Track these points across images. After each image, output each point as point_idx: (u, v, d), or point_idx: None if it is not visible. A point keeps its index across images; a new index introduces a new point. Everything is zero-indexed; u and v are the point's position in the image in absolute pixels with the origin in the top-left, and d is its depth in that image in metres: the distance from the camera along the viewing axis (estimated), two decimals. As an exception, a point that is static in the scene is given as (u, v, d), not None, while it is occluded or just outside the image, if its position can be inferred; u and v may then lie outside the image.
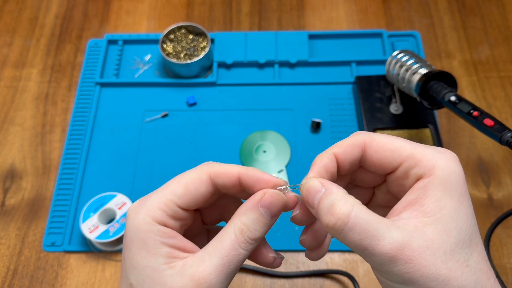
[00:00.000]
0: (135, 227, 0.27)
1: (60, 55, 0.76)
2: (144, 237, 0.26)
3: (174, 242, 0.27)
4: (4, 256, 0.60)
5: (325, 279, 0.57)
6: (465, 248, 0.23)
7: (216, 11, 0.80)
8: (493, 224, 0.59)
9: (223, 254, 0.26)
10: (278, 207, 0.27)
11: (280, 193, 0.27)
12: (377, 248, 0.23)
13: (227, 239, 0.26)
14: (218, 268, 0.25)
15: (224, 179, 0.28)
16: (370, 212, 0.24)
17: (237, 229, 0.26)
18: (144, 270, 0.26)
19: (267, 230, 0.27)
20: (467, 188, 0.25)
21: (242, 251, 0.26)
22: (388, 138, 0.27)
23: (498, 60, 0.73)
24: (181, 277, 0.25)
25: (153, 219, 0.26)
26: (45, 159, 0.67)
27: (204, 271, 0.25)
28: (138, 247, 0.26)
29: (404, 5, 0.80)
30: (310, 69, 0.73)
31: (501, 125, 0.46)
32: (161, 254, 0.26)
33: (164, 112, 0.69)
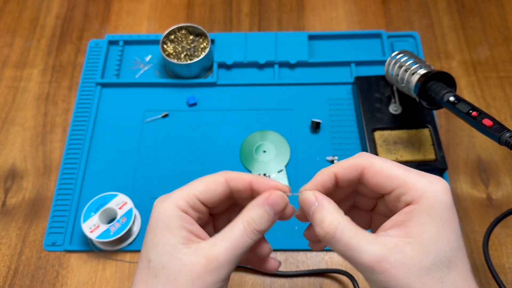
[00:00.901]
0: (161, 212, 0.31)
1: (60, 55, 0.77)
2: (168, 221, 0.31)
3: (192, 228, 0.31)
4: (5, 256, 0.60)
5: (324, 279, 0.57)
6: (442, 268, 0.27)
7: (216, 11, 0.81)
8: (492, 224, 0.60)
9: (232, 240, 0.30)
10: (281, 206, 0.32)
11: (283, 195, 0.32)
12: (358, 259, 0.28)
13: (236, 228, 0.31)
14: (227, 251, 0.30)
15: (238, 183, 0.33)
16: (355, 227, 0.29)
17: (245, 221, 0.31)
18: (164, 247, 0.30)
19: (270, 225, 0.32)
20: (453, 215, 0.28)
21: (248, 239, 0.31)
22: (385, 164, 0.30)
23: (497, 60, 0.74)
24: (195, 255, 0.30)
25: (177, 206, 0.31)
26: (46, 159, 0.67)
27: (215, 252, 0.30)
28: (162, 228, 0.31)
29: (403, 5, 0.80)
30: (309, 70, 0.73)
31: (500, 125, 0.46)
32: (180, 235, 0.30)
33: (165, 112, 0.70)
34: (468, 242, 0.59)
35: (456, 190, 0.63)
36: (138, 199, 0.62)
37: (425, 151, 0.62)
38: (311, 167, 0.64)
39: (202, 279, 0.29)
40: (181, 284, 0.29)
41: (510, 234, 0.60)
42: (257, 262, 0.36)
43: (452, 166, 0.64)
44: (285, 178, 0.63)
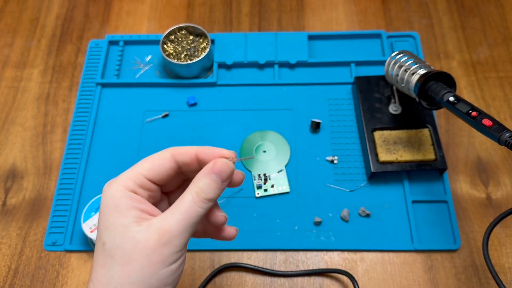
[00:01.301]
0: (109, 195, 0.32)
1: (61, 55, 0.77)
2: (117, 202, 0.32)
3: (143, 207, 0.32)
4: (5, 256, 0.60)
5: (324, 278, 0.57)
6: None
7: (216, 12, 0.81)
8: (492, 224, 0.59)
9: (182, 211, 0.31)
10: (227, 173, 0.33)
11: (228, 162, 0.33)
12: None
13: (185, 199, 0.32)
14: (179, 223, 0.31)
15: (184, 156, 0.34)
16: None
17: (194, 192, 0.32)
18: (116, 228, 0.31)
19: (220, 192, 0.33)
20: None
21: (198, 208, 0.32)
22: None
23: (497, 60, 0.74)
24: (147, 231, 0.30)
25: (125, 187, 0.32)
26: (46, 159, 0.67)
27: (167, 225, 0.31)
28: (112, 211, 0.31)
29: (403, 6, 0.80)
30: (309, 70, 0.73)
31: (500, 125, 0.46)
32: (131, 215, 0.31)
33: (165, 112, 0.70)
34: (467, 242, 0.59)
35: (455, 190, 0.63)
36: (138, 199, 0.62)
37: (424, 151, 0.62)
38: (311, 167, 0.65)
39: (157, 253, 0.30)
40: (137, 261, 0.30)
41: (509, 234, 0.60)
42: (214, 232, 0.37)
43: (452, 166, 0.64)
44: (285, 178, 0.63)
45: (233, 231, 0.37)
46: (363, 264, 0.58)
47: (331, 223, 0.60)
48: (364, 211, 0.60)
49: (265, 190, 0.62)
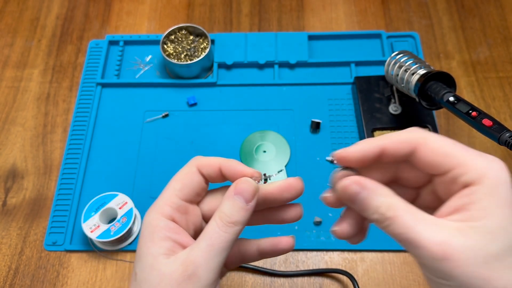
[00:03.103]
0: (147, 223, 0.31)
1: (61, 55, 0.77)
2: (152, 231, 0.30)
3: (178, 238, 0.30)
4: (5, 256, 0.60)
5: (324, 278, 0.57)
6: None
7: (216, 12, 0.81)
8: None
9: (207, 238, 0.29)
10: (249, 192, 0.30)
11: (250, 181, 0.31)
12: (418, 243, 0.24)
13: (209, 226, 0.30)
14: (204, 251, 0.29)
15: (208, 169, 0.32)
16: (413, 209, 0.26)
17: (217, 217, 0.30)
18: (146, 258, 0.29)
19: (246, 214, 0.30)
20: None
21: (223, 233, 0.29)
22: (442, 141, 0.27)
23: (496, 60, 0.74)
24: (173, 264, 0.29)
25: (162, 214, 0.30)
26: (46, 159, 0.67)
27: (192, 256, 0.29)
28: (146, 240, 0.30)
29: (403, 6, 0.80)
30: (309, 70, 0.73)
31: (500, 125, 0.46)
32: (163, 246, 0.29)
33: (165, 112, 0.70)
34: None
35: (455, 190, 0.63)
36: (138, 199, 0.62)
37: (424, 151, 0.62)
38: (311, 167, 0.65)
39: (182, 287, 0.28)
40: None
41: (509, 234, 0.60)
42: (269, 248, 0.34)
43: (452, 166, 0.64)
44: (285, 178, 0.63)
45: (290, 240, 0.34)
46: (363, 264, 0.58)
47: (331, 223, 0.60)
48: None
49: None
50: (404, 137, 0.27)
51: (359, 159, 0.28)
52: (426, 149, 0.27)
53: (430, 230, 0.24)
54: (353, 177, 0.28)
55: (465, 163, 0.25)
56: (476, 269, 0.23)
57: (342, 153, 0.29)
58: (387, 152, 0.28)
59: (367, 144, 0.28)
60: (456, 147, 0.26)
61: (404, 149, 0.27)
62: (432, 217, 0.25)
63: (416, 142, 0.27)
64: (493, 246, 0.24)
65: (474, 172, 0.25)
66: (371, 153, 0.28)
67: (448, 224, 0.25)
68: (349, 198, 0.28)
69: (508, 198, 0.25)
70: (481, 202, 0.24)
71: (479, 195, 0.25)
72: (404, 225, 0.25)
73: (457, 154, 0.26)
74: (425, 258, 0.24)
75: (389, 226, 0.26)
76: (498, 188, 0.25)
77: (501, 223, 0.24)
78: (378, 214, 0.26)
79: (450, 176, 0.26)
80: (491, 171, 0.25)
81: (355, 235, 0.31)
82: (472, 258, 0.23)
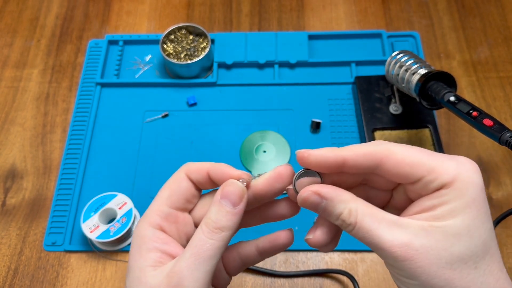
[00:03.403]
0: (135, 234, 0.30)
1: (60, 55, 0.77)
2: (140, 242, 0.29)
3: (166, 248, 0.29)
4: (4, 256, 0.60)
5: (324, 279, 0.57)
6: (477, 252, 0.24)
7: (216, 11, 0.81)
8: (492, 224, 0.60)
9: (192, 247, 0.28)
10: (236, 195, 0.29)
11: (237, 183, 0.29)
12: (380, 245, 0.25)
13: (195, 234, 0.28)
14: (188, 261, 0.27)
15: (197, 175, 0.30)
16: (373, 211, 0.26)
17: (203, 223, 0.28)
18: (134, 271, 0.28)
19: (233, 218, 0.28)
20: (485, 197, 0.25)
21: (209, 240, 0.28)
22: (407, 151, 0.26)
23: (497, 60, 0.74)
24: (160, 275, 0.27)
25: (149, 224, 0.29)
26: (46, 159, 0.67)
27: (177, 267, 0.27)
28: (134, 252, 0.29)
29: (403, 5, 0.80)
30: (309, 70, 0.73)
31: (500, 125, 0.46)
32: (150, 257, 0.28)
33: (165, 112, 0.70)
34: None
35: (456, 190, 0.63)
36: (138, 199, 0.62)
37: (425, 151, 0.62)
38: (311, 167, 0.64)
39: None
40: None
41: (510, 235, 0.60)
42: (268, 246, 0.33)
43: (452, 166, 0.64)
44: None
45: (288, 233, 0.32)
46: (364, 264, 0.58)
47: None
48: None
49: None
50: (367, 150, 0.27)
51: (318, 165, 0.28)
52: (391, 162, 0.26)
53: (391, 232, 0.25)
54: (312, 187, 0.28)
55: (435, 169, 0.25)
56: (438, 270, 0.24)
57: (304, 154, 0.28)
58: (348, 164, 0.27)
59: (329, 152, 0.27)
60: (423, 155, 0.26)
61: (367, 162, 0.27)
62: (395, 218, 0.26)
63: (380, 156, 0.27)
64: (457, 248, 0.24)
65: (444, 177, 0.25)
66: (331, 162, 0.27)
67: (412, 224, 0.25)
68: (311, 208, 0.28)
69: (477, 199, 0.25)
70: (450, 203, 0.25)
71: (448, 197, 0.25)
72: (366, 229, 0.25)
73: (425, 162, 0.26)
74: (389, 259, 0.25)
75: (352, 231, 0.26)
76: (467, 190, 0.25)
77: (467, 225, 0.24)
78: (340, 220, 0.27)
79: (421, 184, 0.26)
80: (461, 173, 0.25)
81: (329, 243, 0.30)
82: (435, 259, 0.24)
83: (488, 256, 0.25)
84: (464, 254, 0.24)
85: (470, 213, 0.24)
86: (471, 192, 0.25)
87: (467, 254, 0.24)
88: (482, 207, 0.25)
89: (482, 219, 0.25)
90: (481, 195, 0.25)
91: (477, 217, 0.25)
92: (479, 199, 0.25)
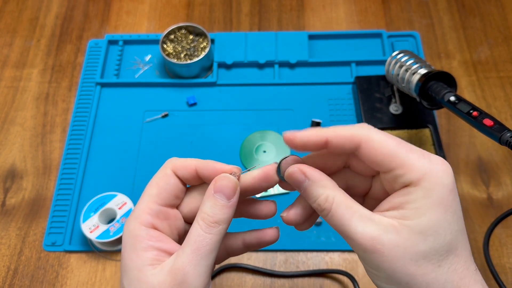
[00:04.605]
0: (127, 235, 0.29)
1: (60, 55, 0.77)
2: (134, 242, 0.29)
3: (161, 245, 0.29)
4: (4, 256, 0.60)
5: (325, 279, 0.57)
6: (441, 251, 0.25)
7: (216, 11, 0.80)
8: (493, 224, 0.60)
9: (191, 243, 0.28)
10: (230, 188, 0.29)
11: (229, 177, 0.29)
12: (351, 236, 0.26)
13: (193, 229, 0.28)
14: (190, 257, 0.27)
15: (183, 172, 0.31)
16: (349, 202, 0.27)
17: (199, 218, 0.29)
18: (132, 272, 0.28)
19: (229, 211, 0.29)
20: (455, 198, 0.26)
21: (208, 235, 0.28)
22: (385, 140, 0.27)
23: (497, 60, 0.73)
24: (161, 273, 0.28)
25: (141, 223, 0.29)
26: (46, 159, 0.67)
27: (178, 263, 0.27)
28: (129, 252, 0.29)
29: (403, 5, 0.80)
30: (310, 69, 0.73)
31: (501, 125, 0.46)
32: (147, 256, 0.28)
33: (165, 112, 0.70)
34: (468, 242, 0.59)
35: (456, 190, 0.63)
36: (138, 199, 0.62)
37: (425, 151, 0.62)
38: (311, 167, 0.64)
39: None
40: None
41: (510, 234, 0.60)
42: (255, 241, 0.34)
43: (453, 166, 0.64)
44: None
45: (274, 231, 0.33)
46: (364, 264, 0.58)
47: (332, 224, 0.60)
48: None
49: (265, 191, 0.62)
50: (348, 132, 0.28)
51: (303, 144, 0.29)
52: (368, 147, 0.27)
53: (363, 224, 0.26)
54: (300, 165, 0.29)
55: (405, 164, 0.26)
56: (403, 265, 0.25)
57: (290, 135, 0.29)
58: (331, 144, 0.28)
59: (314, 132, 0.28)
60: (400, 148, 0.27)
61: (347, 144, 0.28)
62: (369, 213, 0.27)
63: (359, 139, 0.27)
64: (422, 246, 0.25)
65: (413, 174, 0.26)
66: (314, 141, 0.28)
67: (383, 220, 0.26)
68: (294, 184, 0.29)
69: (444, 200, 0.26)
70: (416, 202, 0.26)
71: (415, 196, 0.26)
72: (339, 218, 0.27)
73: (399, 155, 0.26)
74: (358, 250, 0.27)
75: (326, 216, 0.28)
76: (434, 191, 0.25)
77: (432, 224, 0.25)
78: (316, 204, 0.28)
79: (392, 175, 0.27)
80: (430, 174, 0.26)
81: (302, 222, 0.32)
82: (400, 254, 0.25)
83: (453, 255, 0.26)
84: (428, 253, 0.25)
85: (436, 214, 0.25)
86: (439, 193, 0.25)
87: (431, 253, 0.25)
88: (450, 208, 0.26)
89: (449, 220, 0.26)
90: (450, 196, 0.26)
91: (444, 218, 0.25)
92: (447, 201, 0.26)
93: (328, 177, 0.28)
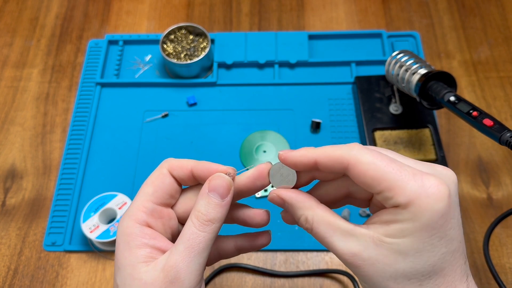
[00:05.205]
0: (121, 232, 0.30)
1: (60, 55, 0.77)
2: (128, 239, 0.29)
3: (155, 243, 0.30)
4: (4, 256, 0.60)
5: (325, 279, 0.57)
6: (423, 272, 0.25)
7: (216, 11, 0.80)
8: (493, 224, 0.60)
9: (185, 240, 0.28)
10: (224, 187, 0.30)
11: (223, 176, 0.30)
12: (334, 251, 0.28)
13: (186, 227, 0.29)
14: (183, 254, 0.28)
15: (179, 172, 0.31)
16: (330, 219, 0.28)
17: (193, 216, 0.29)
18: (125, 269, 0.29)
19: (222, 210, 0.30)
20: (447, 222, 0.26)
21: (201, 233, 0.29)
22: (374, 163, 0.26)
23: (497, 60, 0.74)
24: (154, 271, 0.28)
25: (136, 221, 0.30)
26: (46, 159, 0.67)
27: (171, 261, 0.28)
28: (123, 249, 0.29)
29: (403, 5, 0.80)
30: (310, 69, 0.73)
31: (501, 125, 0.46)
32: (141, 254, 0.29)
33: (165, 112, 0.70)
34: (468, 242, 0.59)
35: (456, 190, 0.63)
36: (138, 199, 0.62)
37: (425, 151, 0.62)
38: (311, 167, 0.64)
39: None
40: None
41: (510, 234, 0.60)
42: (248, 244, 0.34)
43: (453, 166, 0.64)
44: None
45: (266, 235, 0.34)
46: (364, 264, 0.58)
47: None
48: (365, 211, 0.60)
49: (265, 191, 0.62)
50: (337, 153, 0.28)
51: (294, 165, 0.30)
52: (356, 169, 0.27)
53: (344, 240, 0.27)
54: (277, 191, 0.30)
55: (393, 187, 0.26)
56: (382, 281, 0.26)
57: (284, 154, 0.30)
58: (319, 165, 0.29)
59: (304, 153, 0.29)
60: (389, 169, 0.26)
61: (335, 166, 0.28)
62: (351, 228, 0.27)
63: (347, 161, 0.27)
64: (401, 265, 0.26)
65: (401, 198, 0.25)
66: (304, 163, 0.29)
67: (365, 235, 0.27)
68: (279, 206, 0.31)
69: (431, 225, 0.25)
70: (402, 224, 0.26)
71: (401, 217, 0.26)
72: (321, 235, 0.28)
73: (387, 178, 0.26)
74: (343, 262, 0.28)
75: (310, 233, 0.29)
76: (422, 215, 0.25)
77: (415, 246, 0.25)
78: (299, 223, 0.29)
79: (381, 196, 0.27)
80: (419, 199, 0.25)
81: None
82: (380, 270, 0.26)
83: (437, 276, 0.26)
84: (408, 272, 0.26)
85: (420, 237, 0.25)
86: (426, 218, 0.25)
87: (411, 273, 0.26)
88: (437, 232, 0.25)
89: (435, 244, 0.25)
90: (439, 221, 0.25)
91: (428, 241, 0.25)
92: (435, 225, 0.25)
93: (307, 196, 0.29)
